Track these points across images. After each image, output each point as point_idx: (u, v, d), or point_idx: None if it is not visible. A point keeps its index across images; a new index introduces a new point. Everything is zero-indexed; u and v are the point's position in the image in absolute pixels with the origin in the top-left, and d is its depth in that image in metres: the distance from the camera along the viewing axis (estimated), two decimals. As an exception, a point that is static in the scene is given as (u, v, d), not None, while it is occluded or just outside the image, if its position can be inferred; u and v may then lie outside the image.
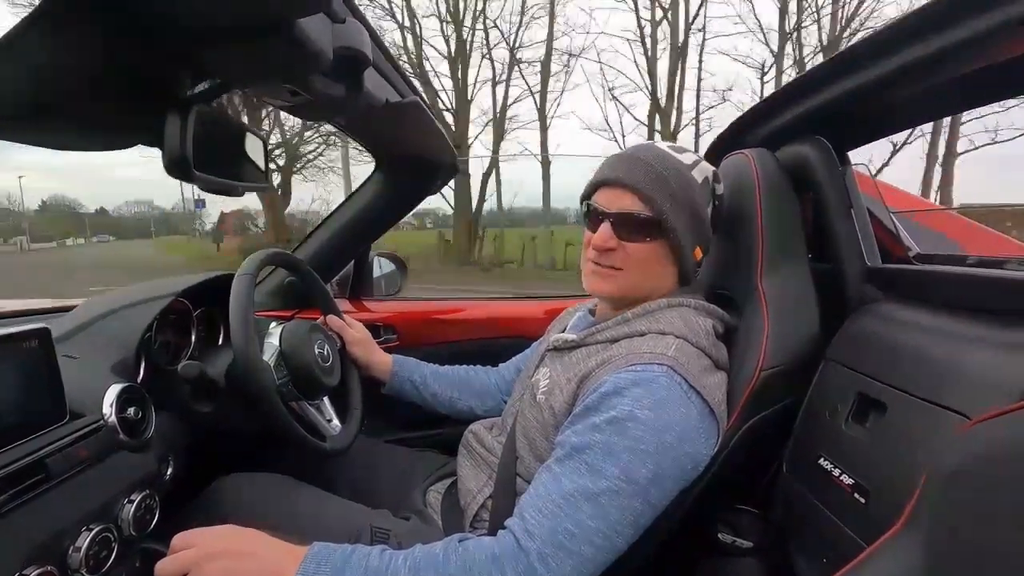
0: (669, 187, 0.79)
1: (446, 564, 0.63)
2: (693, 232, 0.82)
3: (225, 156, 0.75)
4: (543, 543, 0.63)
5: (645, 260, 0.81)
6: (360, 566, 0.62)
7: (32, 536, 0.61)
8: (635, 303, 0.85)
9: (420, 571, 0.62)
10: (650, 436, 0.67)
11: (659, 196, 0.78)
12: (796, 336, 0.88)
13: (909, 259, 0.97)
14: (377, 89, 0.78)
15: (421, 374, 1.18)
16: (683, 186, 0.80)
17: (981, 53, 0.68)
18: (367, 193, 1.39)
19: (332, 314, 1.17)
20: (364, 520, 0.88)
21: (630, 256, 0.81)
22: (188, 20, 0.51)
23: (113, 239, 62.76)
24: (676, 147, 0.85)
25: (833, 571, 0.47)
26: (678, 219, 0.79)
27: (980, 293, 0.72)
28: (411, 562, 0.63)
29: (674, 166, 0.81)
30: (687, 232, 0.81)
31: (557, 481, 0.67)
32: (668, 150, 0.83)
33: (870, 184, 1.04)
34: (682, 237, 0.80)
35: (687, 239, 0.81)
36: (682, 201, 0.79)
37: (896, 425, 0.69)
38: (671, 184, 0.79)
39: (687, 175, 0.81)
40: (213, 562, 0.62)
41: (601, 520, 0.64)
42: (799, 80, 0.93)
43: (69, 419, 0.71)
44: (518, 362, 1.19)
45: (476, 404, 1.17)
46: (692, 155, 0.85)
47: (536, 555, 0.62)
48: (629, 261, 0.82)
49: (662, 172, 0.79)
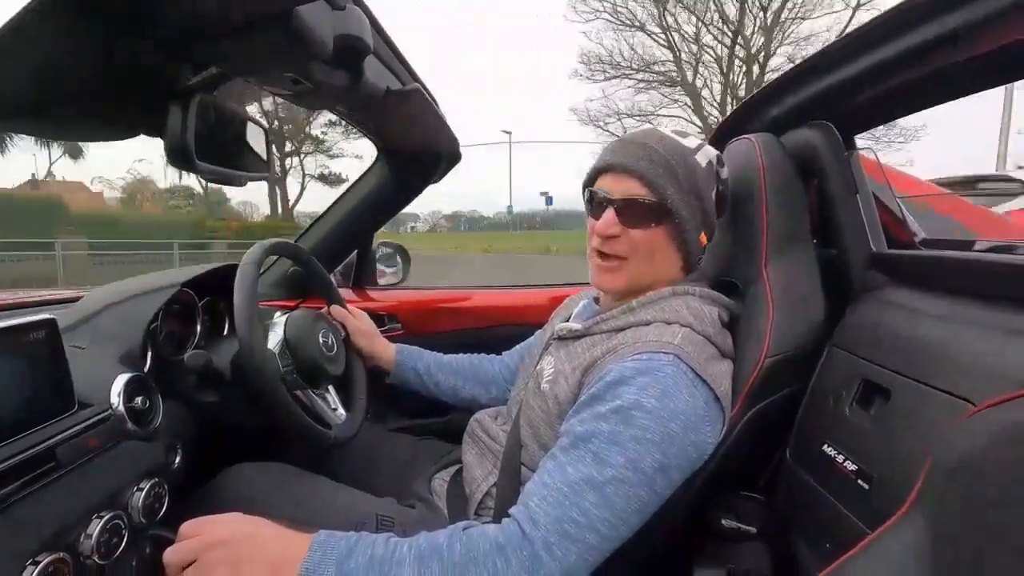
0: (673, 172, 0.78)
1: (450, 552, 0.63)
2: (698, 217, 0.81)
3: (227, 145, 0.74)
4: (548, 531, 0.63)
5: (650, 247, 0.80)
6: (365, 554, 0.62)
7: (43, 524, 0.62)
8: (640, 292, 0.85)
9: (424, 559, 0.63)
10: (656, 425, 0.67)
11: (664, 181, 0.77)
12: (801, 323, 0.88)
13: (915, 244, 0.96)
14: (378, 77, 0.78)
15: (424, 363, 1.19)
16: (687, 171, 0.79)
17: (991, 35, 0.67)
18: (369, 182, 1.39)
19: (335, 304, 1.17)
20: (369, 508, 0.89)
21: (634, 243, 0.80)
22: (189, 9, 0.51)
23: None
24: (679, 131, 0.84)
25: (836, 557, 0.47)
26: (683, 204, 0.78)
27: (986, 279, 0.72)
28: (415, 550, 0.64)
29: (678, 150, 0.80)
30: (692, 217, 0.80)
31: (562, 470, 0.67)
32: (671, 134, 0.83)
33: (876, 169, 1.03)
34: (687, 222, 0.79)
35: (692, 224, 0.80)
36: (687, 186, 0.79)
37: (900, 411, 0.69)
38: (675, 169, 0.78)
39: (691, 159, 0.80)
40: (218, 550, 0.62)
41: (606, 508, 0.64)
42: (804, 64, 0.92)
43: (77, 409, 0.72)
44: (522, 350, 1.19)
45: (480, 392, 1.17)
46: (695, 139, 0.84)
47: (541, 543, 0.62)
48: (633, 248, 0.81)
49: (666, 156, 0.78)
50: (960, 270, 0.77)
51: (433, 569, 0.62)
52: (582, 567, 0.64)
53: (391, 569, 0.62)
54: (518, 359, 1.18)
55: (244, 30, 0.53)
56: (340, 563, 0.62)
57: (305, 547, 0.63)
